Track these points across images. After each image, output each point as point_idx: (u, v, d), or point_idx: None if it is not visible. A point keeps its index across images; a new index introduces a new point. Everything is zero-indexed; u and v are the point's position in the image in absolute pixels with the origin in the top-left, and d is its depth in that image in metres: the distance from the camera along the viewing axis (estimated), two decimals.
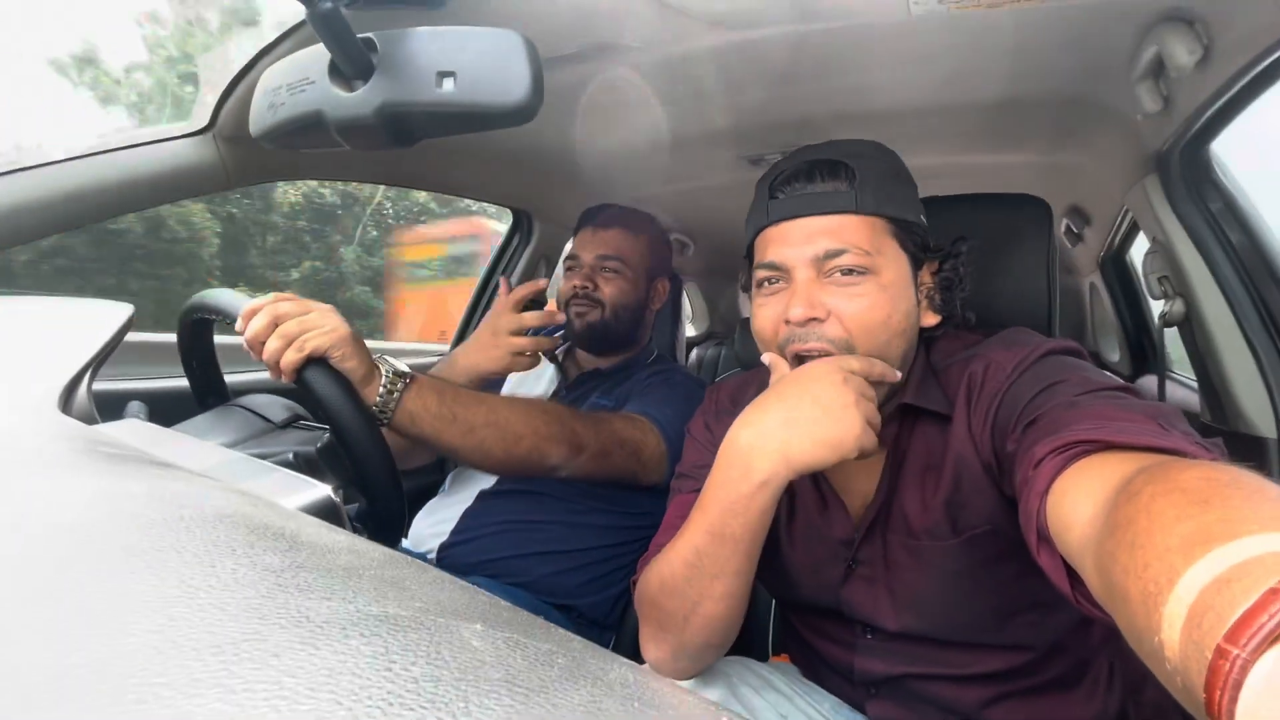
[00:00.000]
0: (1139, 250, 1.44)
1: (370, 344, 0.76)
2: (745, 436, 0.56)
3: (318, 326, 0.70)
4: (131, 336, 0.61)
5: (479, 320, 1.65)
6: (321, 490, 0.46)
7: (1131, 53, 0.84)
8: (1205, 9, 0.72)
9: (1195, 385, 1.15)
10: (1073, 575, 0.41)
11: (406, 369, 0.76)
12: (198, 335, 0.80)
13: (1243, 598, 0.24)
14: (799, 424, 0.53)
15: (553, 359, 1.20)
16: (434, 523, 1.06)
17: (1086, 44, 0.85)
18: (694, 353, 2.52)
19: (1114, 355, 1.86)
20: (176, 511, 0.24)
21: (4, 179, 0.78)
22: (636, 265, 1.14)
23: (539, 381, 1.19)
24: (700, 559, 0.58)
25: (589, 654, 0.18)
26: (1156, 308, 1.15)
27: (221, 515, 0.24)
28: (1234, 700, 0.23)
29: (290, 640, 0.15)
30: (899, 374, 0.59)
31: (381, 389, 0.73)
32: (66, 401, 0.47)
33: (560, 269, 1.67)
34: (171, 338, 0.81)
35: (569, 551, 1.01)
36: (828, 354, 0.60)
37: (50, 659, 0.14)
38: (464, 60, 0.49)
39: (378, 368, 0.74)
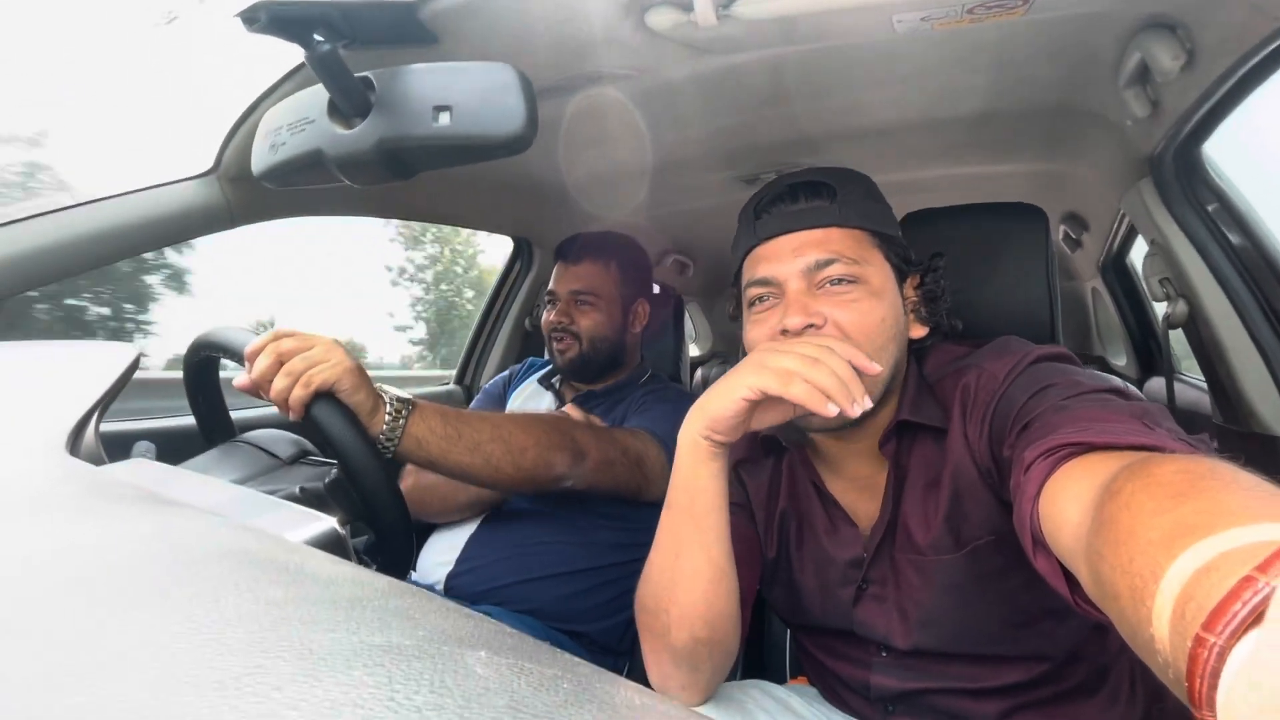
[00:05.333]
0: (1139, 253, 1.44)
1: (374, 373, 0.76)
2: (687, 415, 0.61)
3: (323, 361, 0.70)
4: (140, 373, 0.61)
5: (483, 349, 1.66)
6: (327, 523, 0.46)
7: (1116, 60, 0.85)
8: (1186, 15, 0.73)
9: (1205, 386, 1.14)
10: (1071, 578, 0.41)
11: (408, 396, 0.77)
12: (204, 373, 0.80)
13: (1220, 586, 0.24)
14: (713, 387, 0.58)
15: (548, 386, 1.22)
16: (439, 552, 1.06)
17: (1071, 53, 0.87)
18: (699, 372, 2.52)
19: (1121, 359, 1.85)
20: (181, 550, 0.24)
21: (16, 225, 0.79)
22: (610, 294, 1.17)
23: (538, 407, 1.21)
24: (661, 538, 0.62)
25: (595, 678, 0.17)
26: (1159, 310, 1.14)
27: (226, 552, 0.24)
28: (1213, 688, 0.23)
29: (293, 673, 0.14)
30: (879, 367, 0.58)
31: (387, 417, 0.73)
32: (74, 443, 0.47)
33: None
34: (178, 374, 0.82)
35: (577, 572, 1.00)
36: None
37: (54, 699, 0.14)
38: (459, 94, 0.50)
39: (382, 397, 0.75)
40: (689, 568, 0.59)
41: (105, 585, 0.20)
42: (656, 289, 1.29)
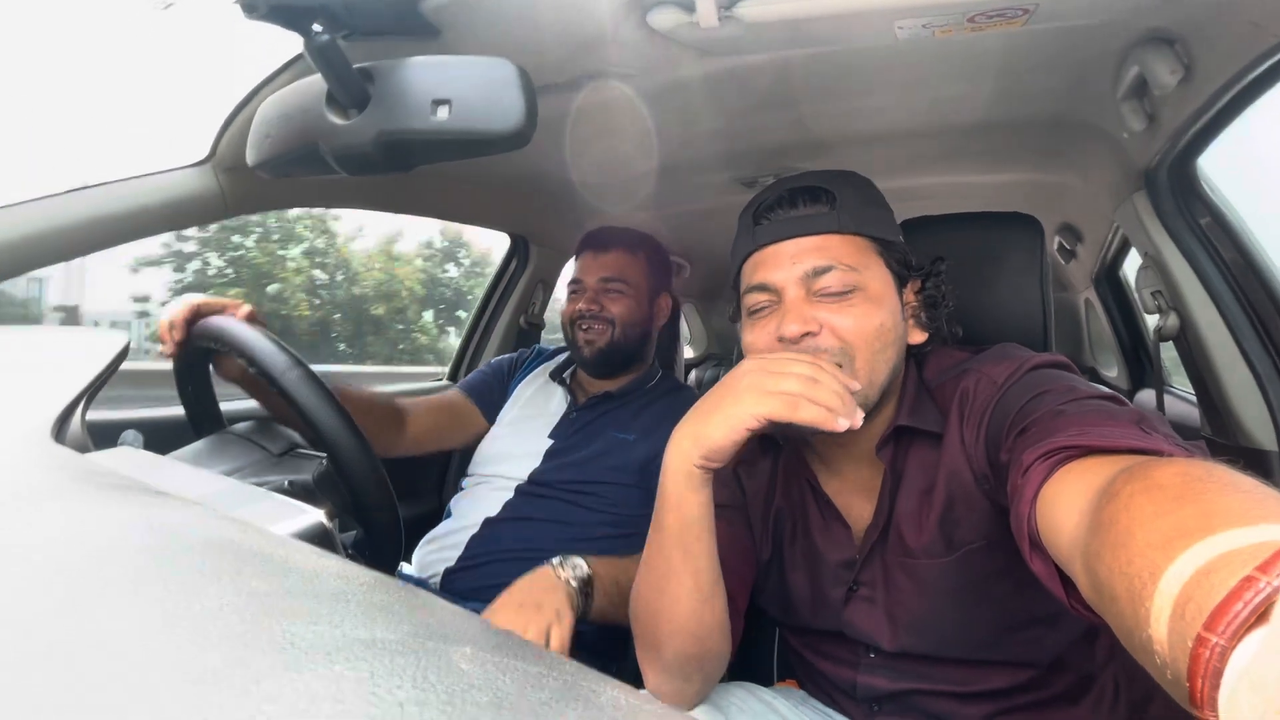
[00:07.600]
0: (1132, 265, 1.45)
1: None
2: (675, 434, 0.58)
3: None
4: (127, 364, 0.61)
5: (477, 346, 1.66)
6: (314, 515, 0.45)
7: (1115, 73, 0.85)
8: (1185, 30, 0.73)
9: (1195, 399, 1.15)
10: (1066, 581, 0.41)
11: (578, 576, 0.84)
12: (195, 363, 0.80)
13: (1220, 587, 0.24)
14: (707, 410, 0.56)
15: (560, 381, 1.20)
16: (439, 549, 1.05)
17: (1071, 65, 0.87)
18: (693, 374, 2.52)
19: (1112, 370, 1.86)
20: (164, 540, 0.24)
21: (11, 210, 0.79)
22: (639, 284, 1.16)
23: (548, 402, 1.19)
24: (650, 557, 0.61)
25: (581, 676, 0.17)
26: (1151, 322, 1.15)
27: (209, 542, 0.24)
28: (1215, 688, 0.23)
29: (273, 666, 0.14)
30: (858, 384, 0.57)
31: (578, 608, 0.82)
32: (60, 431, 0.46)
33: (559, 292, 1.67)
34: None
35: None
36: None
37: (26, 694, 0.13)
38: (459, 88, 0.50)
39: (570, 594, 0.82)
40: (677, 588, 0.59)
41: (85, 574, 0.20)
42: None
